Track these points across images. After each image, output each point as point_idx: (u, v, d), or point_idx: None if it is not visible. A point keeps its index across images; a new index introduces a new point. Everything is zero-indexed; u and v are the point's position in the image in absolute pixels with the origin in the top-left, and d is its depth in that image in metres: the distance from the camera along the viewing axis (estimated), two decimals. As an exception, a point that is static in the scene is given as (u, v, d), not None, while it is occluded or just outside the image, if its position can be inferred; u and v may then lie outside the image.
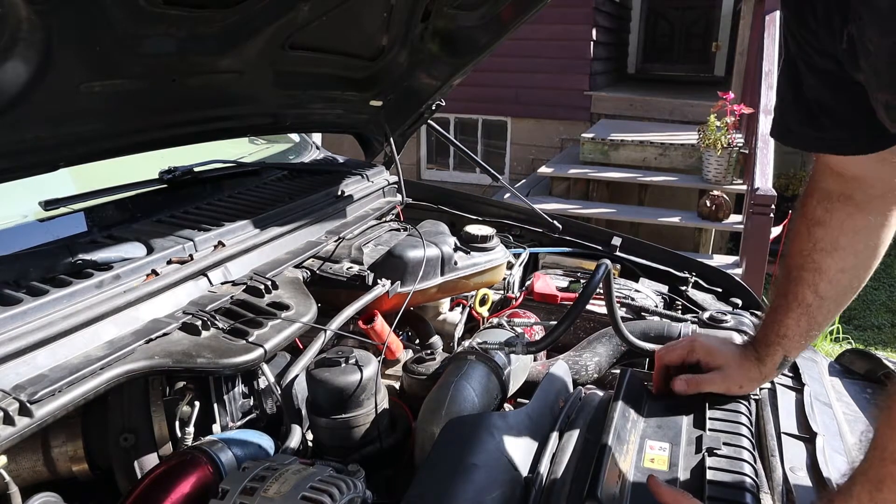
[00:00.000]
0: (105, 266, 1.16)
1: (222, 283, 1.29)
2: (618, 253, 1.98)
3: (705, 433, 1.03)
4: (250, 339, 1.11)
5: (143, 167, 1.66)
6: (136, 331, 1.08)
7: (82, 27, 1.03)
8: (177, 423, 1.10)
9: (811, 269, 1.09)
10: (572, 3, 6.95)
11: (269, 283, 1.28)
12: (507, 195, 3.92)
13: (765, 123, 4.67)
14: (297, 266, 1.44)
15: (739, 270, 4.46)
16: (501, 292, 1.80)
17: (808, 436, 1.15)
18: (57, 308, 1.02)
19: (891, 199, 1.05)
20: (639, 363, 1.56)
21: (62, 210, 1.45)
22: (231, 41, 1.31)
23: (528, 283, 1.83)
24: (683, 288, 1.85)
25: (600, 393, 1.26)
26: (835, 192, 1.07)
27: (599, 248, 2.00)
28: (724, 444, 1.00)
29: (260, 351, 1.09)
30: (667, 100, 7.13)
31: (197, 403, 1.11)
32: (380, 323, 1.38)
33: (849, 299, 1.12)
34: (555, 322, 1.28)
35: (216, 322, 1.14)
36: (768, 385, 1.29)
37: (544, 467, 0.99)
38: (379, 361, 1.20)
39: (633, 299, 1.72)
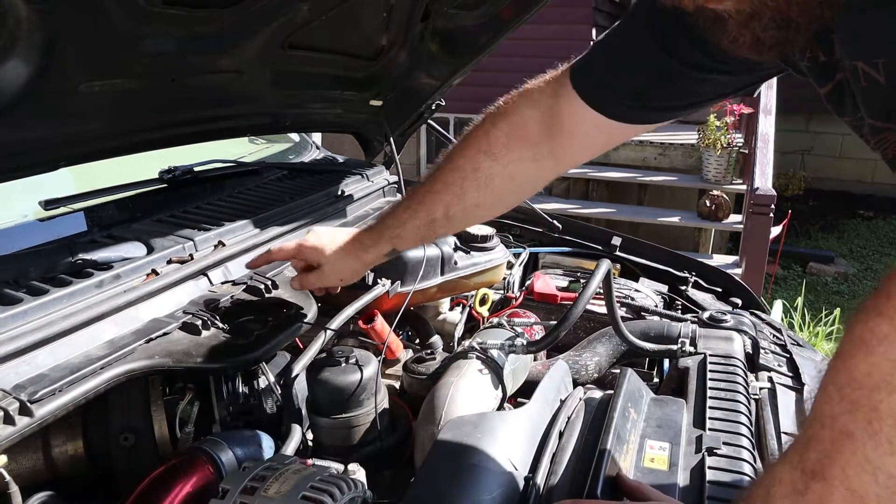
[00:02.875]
0: (105, 266, 1.16)
1: (222, 283, 1.29)
2: (618, 253, 1.97)
3: (705, 433, 1.03)
4: (250, 339, 1.11)
5: (143, 167, 1.66)
6: (136, 330, 1.08)
7: (82, 27, 1.03)
8: (177, 423, 1.10)
9: (454, 193, 1.10)
10: (572, 3, 6.94)
11: (269, 282, 1.28)
12: (507, 195, 3.91)
13: (765, 123, 4.67)
14: (297, 266, 1.44)
15: (739, 270, 4.47)
16: (501, 292, 1.80)
17: (807, 435, 1.15)
18: (57, 307, 1.02)
19: (563, 162, 1.07)
20: (639, 363, 1.56)
21: (62, 210, 1.45)
22: (230, 41, 1.31)
23: (527, 282, 1.83)
24: (683, 288, 1.85)
25: (600, 393, 1.26)
26: (532, 133, 1.05)
27: (599, 247, 2.00)
28: (724, 443, 1.00)
29: (260, 350, 1.09)
30: (666, 99, 7.12)
31: (197, 403, 1.11)
32: (380, 323, 1.37)
33: (469, 226, 1.20)
34: (555, 322, 1.28)
35: (216, 321, 1.14)
36: (768, 385, 1.29)
37: (544, 467, 0.99)
38: (379, 361, 1.20)
39: (632, 299, 1.72)
